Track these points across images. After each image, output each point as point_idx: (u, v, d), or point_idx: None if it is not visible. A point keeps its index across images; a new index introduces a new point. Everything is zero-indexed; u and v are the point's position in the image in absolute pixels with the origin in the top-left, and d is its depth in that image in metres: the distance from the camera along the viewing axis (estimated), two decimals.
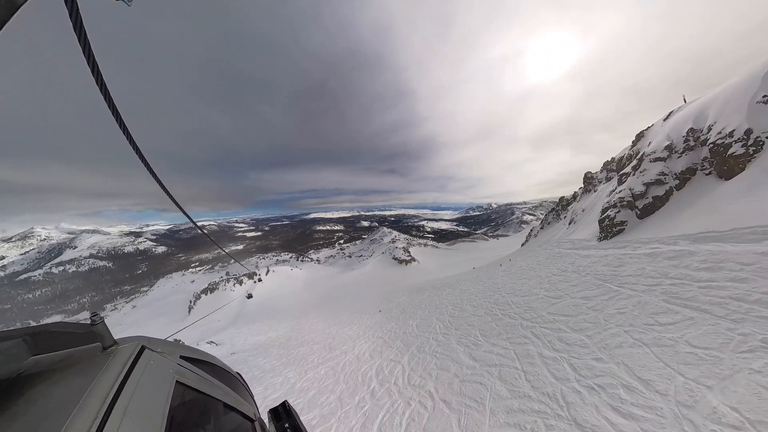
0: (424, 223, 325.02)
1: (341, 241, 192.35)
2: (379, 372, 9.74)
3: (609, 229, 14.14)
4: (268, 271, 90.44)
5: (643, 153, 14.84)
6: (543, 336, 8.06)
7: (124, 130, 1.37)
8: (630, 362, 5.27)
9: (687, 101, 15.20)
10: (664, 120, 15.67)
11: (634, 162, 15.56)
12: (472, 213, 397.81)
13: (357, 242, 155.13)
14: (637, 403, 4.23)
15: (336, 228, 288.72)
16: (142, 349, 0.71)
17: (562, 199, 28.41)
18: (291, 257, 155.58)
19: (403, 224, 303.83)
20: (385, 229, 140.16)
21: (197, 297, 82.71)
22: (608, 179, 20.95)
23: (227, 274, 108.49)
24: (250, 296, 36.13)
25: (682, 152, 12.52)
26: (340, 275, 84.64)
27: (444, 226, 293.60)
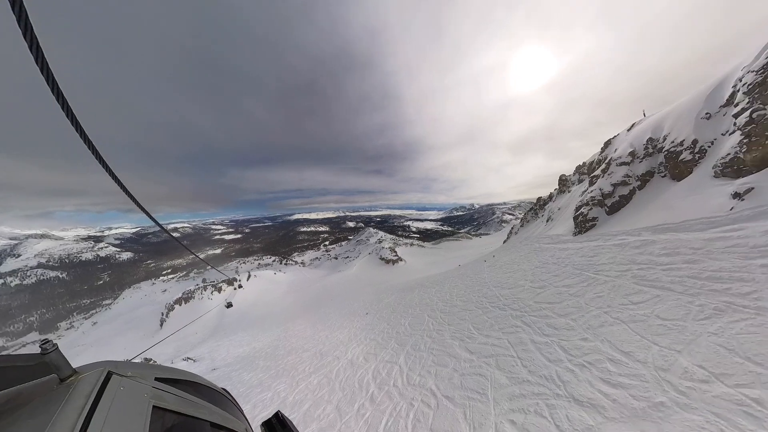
0: (409, 223, 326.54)
1: (327, 243, 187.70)
2: (376, 375, 9.34)
3: (583, 224, 15.72)
4: (249, 276, 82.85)
5: (611, 158, 16.72)
6: (533, 323, 8.59)
7: (68, 113, 1.18)
8: (612, 338, 6.00)
9: (646, 115, 17.40)
10: (628, 130, 17.77)
11: (603, 166, 17.44)
12: (455, 213, 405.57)
13: (343, 243, 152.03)
14: (623, 373, 4.85)
15: (321, 229, 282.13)
16: (109, 375, 0.60)
17: (539, 199, 30.69)
18: (274, 261, 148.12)
19: (389, 224, 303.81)
20: (371, 229, 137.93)
21: (170, 308, 73.91)
22: (580, 181, 23.17)
23: (204, 281, 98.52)
24: (229, 305, 32.36)
25: (643, 158, 14.37)
26: (326, 278, 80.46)
27: (429, 225, 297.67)
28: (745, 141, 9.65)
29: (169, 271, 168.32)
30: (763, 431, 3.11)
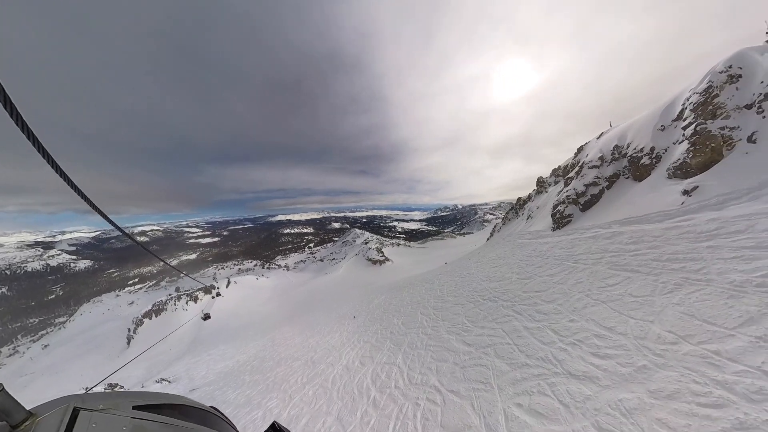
0: (395, 223, 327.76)
1: (311, 245, 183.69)
2: (376, 379, 9.04)
3: (560, 220, 17.32)
4: (228, 282, 76.84)
5: (583, 162, 18.63)
6: (523, 311, 9.16)
7: None
8: (595, 317, 6.81)
9: (613, 126, 19.66)
10: (597, 138, 19.97)
11: (577, 169, 19.35)
12: (440, 213, 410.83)
13: (328, 245, 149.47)
14: (609, 346, 5.59)
15: (305, 231, 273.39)
16: (76, 412, 0.47)
17: (519, 199, 32.91)
18: (255, 265, 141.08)
19: (374, 225, 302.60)
20: (357, 230, 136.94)
21: (138, 323, 66.25)
22: (556, 182, 25.34)
23: (177, 290, 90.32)
24: (207, 317, 28.45)
25: (610, 162, 16.25)
26: (312, 281, 78.19)
27: (414, 226, 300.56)
28: (691, 149, 11.46)
29: (137, 280, 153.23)
30: (723, 374, 4.00)
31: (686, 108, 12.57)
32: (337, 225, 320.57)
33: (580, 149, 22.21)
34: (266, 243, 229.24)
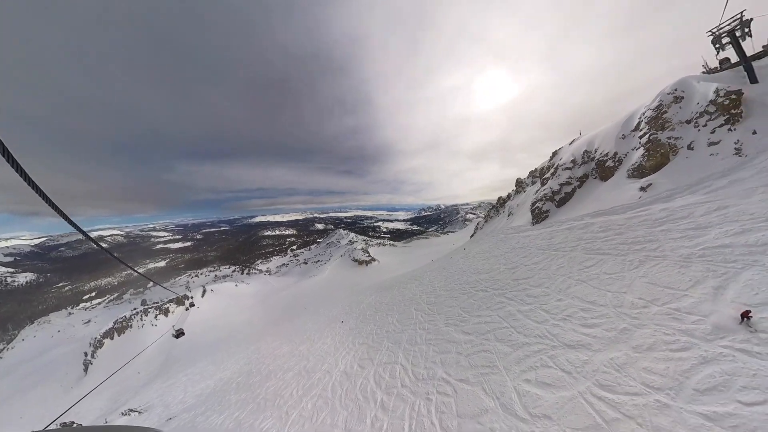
0: (380, 223, 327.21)
1: (294, 247, 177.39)
2: (379, 380, 8.63)
3: (538, 216, 19.17)
4: (204, 291, 70.25)
5: (558, 165, 20.80)
6: (515, 297, 9.92)
7: None
8: (579, 294, 7.92)
9: (582, 134, 22.14)
10: (569, 144, 22.39)
11: (552, 170, 21.52)
12: (423, 213, 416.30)
13: (312, 247, 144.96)
14: (594, 316, 6.66)
15: (287, 232, 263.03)
16: None
17: (499, 198, 35.29)
18: (234, 271, 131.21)
19: (359, 225, 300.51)
20: (341, 231, 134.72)
21: (97, 345, 55.50)
22: (533, 183, 27.75)
23: (144, 303, 79.81)
24: (179, 334, 23.72)
25: (581, 164, 18.41)
26: (296, 285, 74.84)
27: (399, 225, 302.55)
28: (645, 154, 13.58)
29: (94, 294, 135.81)
30: (685, 325, 5.15)
31: (642, 121, 14.88)
32: (320, 226, 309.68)
33: (554, 153, 24.70)
34: (245, 246, 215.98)
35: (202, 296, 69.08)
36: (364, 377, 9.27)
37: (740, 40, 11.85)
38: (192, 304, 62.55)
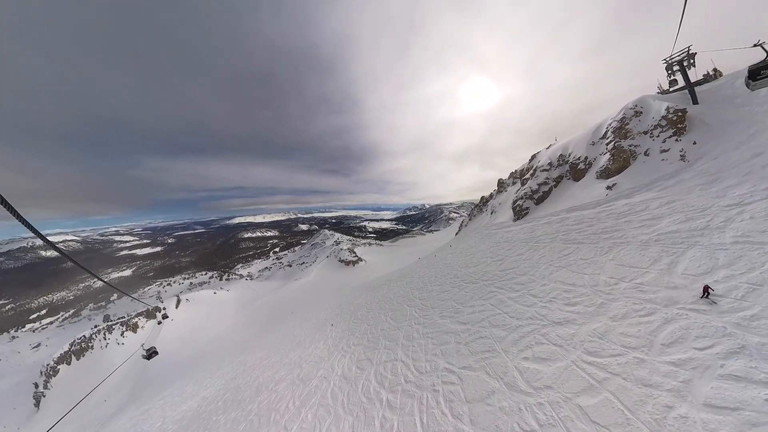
0: (366, 223, 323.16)
1: (277, 249, 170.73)
2: (382, 379, 8.47)
3: (519, 213, 20.83)
4: (179, 301, 61.75)
5: (536, 166, 22.72)
6: (503, 286, 10.77)
7: None
8: (560, 279, 8.98)
9: (557, 140, 24.37)
10: (547, 149, 24.59)
11: (531, 172, 23.46)
12: (409, 213, 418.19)
13: (296, 248, 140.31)
14: (575, 296, 7.68)
15: (269, 234, 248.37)
16: None
17: (482, 197, 37.34)
18: (212, 277, 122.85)
19: (345, 225, 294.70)
20: (326, 231, 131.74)
21: (50, 373, 46.25)
22: (513, 183, 29.86)
23: (107, 319, 69.21)
24: (151, 354, 18.57)
25: (557, 167, 20.34)
26: (281, 289, 71.11)
27: (385, 225, 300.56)
28: (611, 158, 15.49)
29: (44, 312, 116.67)
30: (648, 295, 6.23)
31: (608, 130, 16.95)
32: (305, 227, 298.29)
33: (533, 157, 26.89)
34: (223, 250, 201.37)
35: (177, 307, 61.30)
36: (365, 378, 8.95)
37: (687, 69, 14.26)
38: (165, 316, 55.34)
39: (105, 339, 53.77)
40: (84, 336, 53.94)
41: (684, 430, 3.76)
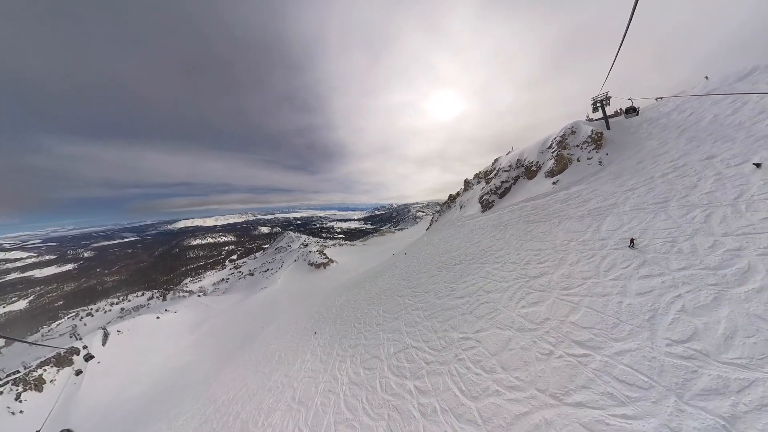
0: (333, 224, 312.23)
1: (234, 257, 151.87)
2: (400, 371, 8.16)
3: (486, 205, 24.98)
4: (106, 335, 45.78)
5: (499, 168, 27.40)
6: (486, 261, 13.23)
7: None
8: (529, 248, 11.87)
9: (514, 148, 29.66)
10: (507, 154, 29.67)
11: (495, 173, 28.13)
12: (377, 212, 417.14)
13: (257, 254, 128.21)
14: (543, 257, 10.44)
15: (224, 239, 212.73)
16: None
17: (450, 195, 41.98)
18: (152, 298, 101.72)
19: (311, 227, 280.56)
20: (291, 233, 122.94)
21: None
22: (479, 182, 34.77)
23: None
24: None
25: (515, 168, 25.11)
26: (244, 302, 62.71)
27: (354, 225, 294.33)
28: (555, 162, 20.30)
29: None
30: (589, 246, 9.64)
31: (553, 143, 22.10)
32: (266, 229, 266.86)
33: (495, 161, 32.09)
34: (165, 262, 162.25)
35: (104, 344, 44.09)
36: (380, 376, 8.40)
37: (605, 106, 20.81)
38: (89, 358, 38.62)
39: None
40: None
41: (629, 309, 6.57)
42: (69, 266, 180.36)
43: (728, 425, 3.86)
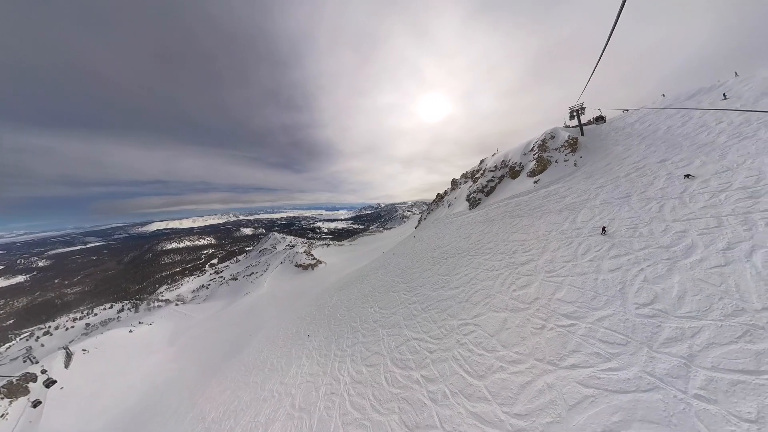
0: (320, 224, 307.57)
1: (215, 261, 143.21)
2: (405, 363, 8.15)
3: (474, 203, 26.50)
4: (69, 356, 39.63)
5: (485, 168, 29.12)
6: (477, 253, 14.22)
7: None
8: (515, 239, 13.05)
9: (499, 150, 31.55)
10: (492, 156, 31.51)
11: (481, 172, 29.82)
12: (364, 212, 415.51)
13: (240, 258, 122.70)
14: (528, 246, 11.62)
15: (203, 242, 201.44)
16: None
17: (438, 194, 43.55)
18: (122, 309, 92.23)
19: (297, 227, 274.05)
20: (276, 234, 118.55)
21: None
22: (465, 182, 36.53)
23: None
24: None
25: (500, 169, 26.87)
26: (227, 309, 59.07)
27: (341, 225, 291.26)
28: (536, 164, 22.15)
29: None
30: (566, 234, 11.02)
31: (535, 146, 24.07)
32: (248, 231, 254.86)
33: (482, 161, 33.99)
34: (136, 269, 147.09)
35: (67, 365, 37.99)
36: (385, 371, 8.36)
37: (580, 114, 23.27)
38: (50, 383, 33.24)
39: None
40: None
41: (603, 284, 7.66)
42: (19, 278, 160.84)
43: (688, 362, 4.85)
